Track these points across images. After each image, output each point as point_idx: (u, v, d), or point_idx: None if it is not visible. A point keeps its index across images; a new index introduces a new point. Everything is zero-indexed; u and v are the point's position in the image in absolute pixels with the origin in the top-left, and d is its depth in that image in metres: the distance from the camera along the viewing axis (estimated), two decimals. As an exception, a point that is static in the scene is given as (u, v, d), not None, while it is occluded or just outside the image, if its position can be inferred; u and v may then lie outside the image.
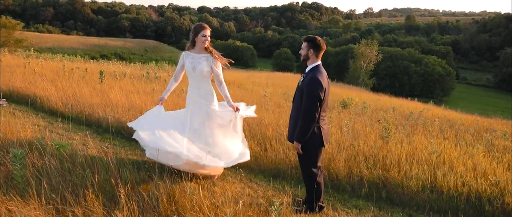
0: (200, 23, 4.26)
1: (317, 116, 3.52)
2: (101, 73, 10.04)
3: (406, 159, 5.56)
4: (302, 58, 3.78)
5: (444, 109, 19.13)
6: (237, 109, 4.35)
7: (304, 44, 3.72)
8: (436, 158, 5.73)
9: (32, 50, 23.54)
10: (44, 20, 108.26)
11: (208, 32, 4.17)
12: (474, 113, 18.88)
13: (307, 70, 3.71)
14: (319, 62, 3.70)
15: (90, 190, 2.92)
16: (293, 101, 3.86)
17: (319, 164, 3.77)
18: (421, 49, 68.39)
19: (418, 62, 57.53)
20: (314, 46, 3.66)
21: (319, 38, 3.69)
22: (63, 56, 22.79)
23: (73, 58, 22.40)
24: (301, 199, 4.20)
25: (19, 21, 39.58)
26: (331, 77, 45.09)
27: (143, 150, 5.38)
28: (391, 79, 56.63)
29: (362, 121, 9.09)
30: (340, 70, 57.45)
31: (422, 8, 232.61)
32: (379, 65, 52.07)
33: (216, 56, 4.27)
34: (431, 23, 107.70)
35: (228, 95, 4.39)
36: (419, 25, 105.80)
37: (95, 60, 25.59)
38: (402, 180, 4.93)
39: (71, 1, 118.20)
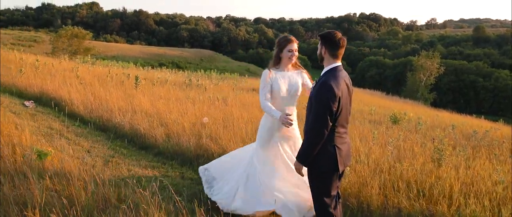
0: (285, 35, 3.61)
1: (326, 132, 2.72)
2: (136, 78, 9.93)
3: (460, 190, 4.48)
4: (318, 59, 3.02)
5: (516, 129, 16.76)
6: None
7: (319, 42, 2.97)
8: (503, 190, 4.57)
9: (89, 57, 24.89)
10: (112, 31, 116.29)
11: (295, 45, 3.51)
12: (554, 135, 16.28)
13: (322, 73, 2.95)
14: (337, 63, 2.89)
15: (37, 212, 2.42)
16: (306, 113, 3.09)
17: (333, 192, 2.95)
18: (491, 63, 62.58)
19: (487, 76, 52.68)
20: (327, 42, 2.88)
21: (336, 33, 2.89)
22: (117, 62, 23.73)
23: (126, 65, 23.22)
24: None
25: (88, 32, 42.80)
26: (387, 90, 42.59)
27: (149, 161, 4.89)
28: (454, 94, 52.42)
29: (412, 139, 7.93)
30: (397, 83, 54.46)
31: (493, 18, 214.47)
32: (441, 79, 48.38)
33: (306, 71, 3.75)
34: (503, 34, 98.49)
35: None
36: (489, 36, 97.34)
37: (150, 67, 26.35)
38: (454, 217, 3.90)
39: (137, 13, 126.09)
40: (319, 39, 2.94)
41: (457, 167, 5.64)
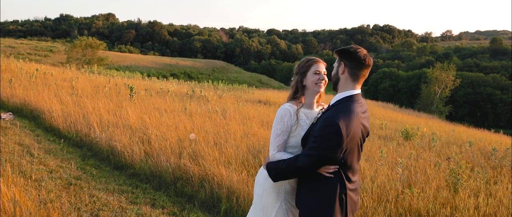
0: (306, 57, 2.45)
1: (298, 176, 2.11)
2: (131, 89, 9.47)
3: (482, 226, 3.77)
4: (332, 82, 2.26)
5: (539, 146, 15.68)
6: None
7: (336, 61, 2.23)
8: (532, 226, 3.84)
9: (96, 66, 24.79)
10: (127, 41, 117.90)
11: (322, 66, 2.35)
12: None
13: (332, 102, 2.20)
14: (356, 90, 2.15)
15: None
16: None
17: None
18: (508, 75, 60.76)
19: (504, 89, 51.06)
20: (348, 58, 2.14)
21: (360, 48, 2.16)
22: (123, 72, 23.52)
23: (132, 75, 22.96)
24: None
25: (102, 42, 43.22)
26: (401, 102, 41.43)
27: (120, 184, 4.31)
28: (471, 107, 50.85)
29: (425, 158, 7.20)
30: (411, 96, 53.23)
31: (511, 30, 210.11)
32: (456, 92, 47.00)
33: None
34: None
35: None
36: (506, 48, 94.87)
37: (156, 77, 26.09)
38: (473, 263, 3.19)
39: (151, 24, 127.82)
40: (337, 55, 2.20)
41: (476, 193, 4.93)
